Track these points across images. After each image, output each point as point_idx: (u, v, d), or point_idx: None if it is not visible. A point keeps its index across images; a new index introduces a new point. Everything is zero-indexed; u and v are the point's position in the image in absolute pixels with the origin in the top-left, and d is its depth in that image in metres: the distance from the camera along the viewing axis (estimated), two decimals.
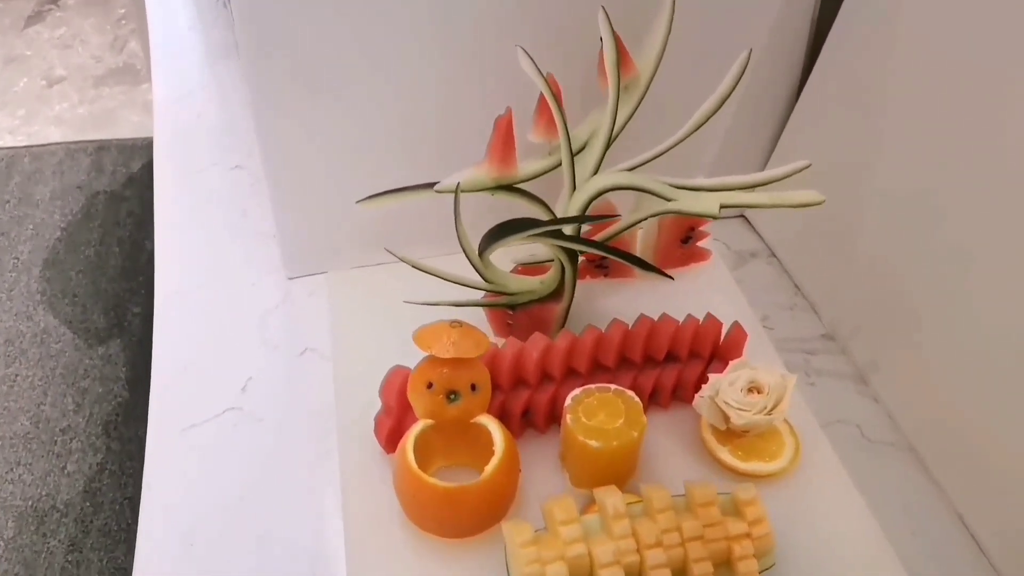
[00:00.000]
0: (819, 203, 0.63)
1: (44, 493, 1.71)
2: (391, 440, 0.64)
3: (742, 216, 0.90)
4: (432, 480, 0.57)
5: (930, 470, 0.67)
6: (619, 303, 0.77)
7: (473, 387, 0.60)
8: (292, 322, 0.78)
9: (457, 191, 0.63)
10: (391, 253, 0.66)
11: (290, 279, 0.81)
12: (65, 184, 2.46)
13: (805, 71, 0.80)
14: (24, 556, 1.60)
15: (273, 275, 0.82)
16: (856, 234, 0.75)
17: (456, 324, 0.60)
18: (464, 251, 0.65)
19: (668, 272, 0.73)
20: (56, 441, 1.80)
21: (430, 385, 0.60)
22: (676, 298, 0.73)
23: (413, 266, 0.66)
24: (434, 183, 0.65)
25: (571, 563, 0.54)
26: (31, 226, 2.34)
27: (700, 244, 0.79)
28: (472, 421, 0.61)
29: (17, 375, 1.93)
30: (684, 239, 0.78)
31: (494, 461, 0.59)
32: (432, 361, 0.60)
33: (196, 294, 0.81)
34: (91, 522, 1.67)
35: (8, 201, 2.41)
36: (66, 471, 1.76)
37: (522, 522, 0.57)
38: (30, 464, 1.76)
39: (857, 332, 0.75)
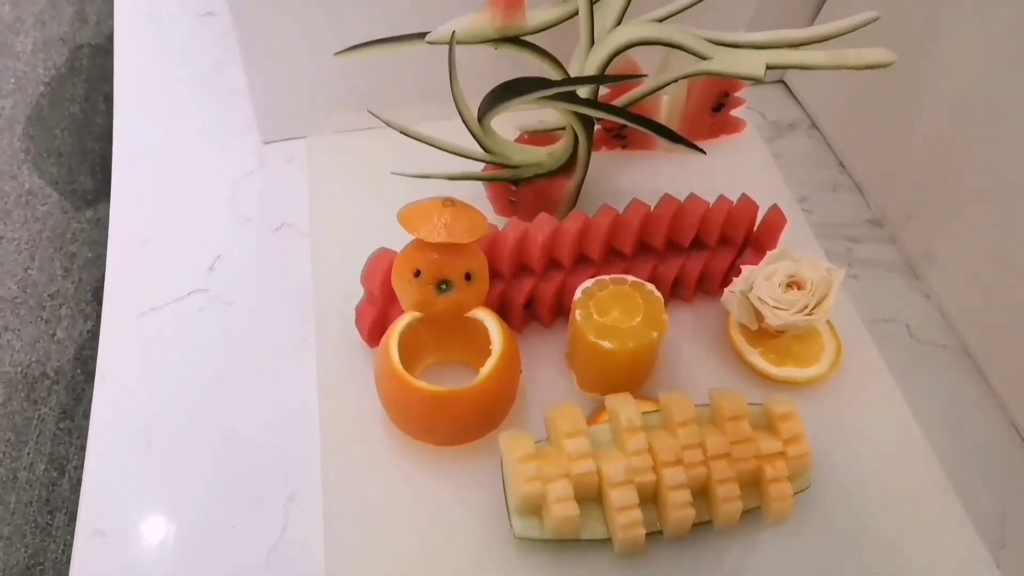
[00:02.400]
0: (889, 63, 0.52)
1: (34, 360, 1.66)
2: (374, 333, 0.56)
3: (781, 81, 0.79)
4: (419, 383, 0.50)
5: (986, 376, 0.59)
6: (639, 179, 0.68)
7: (468, 276, 0.51)
8: (267, 193, 0.69)
9: (452, 42, 0.52)
10: (375, 116, 0.56)
11: (265, 143, 0.72)
12: (47, 35, 2.31)
13: None
14: (15, 423, 1.57)
15: (246, 138, 0.72)
16: (914, 105, 0.64)
17: (449, 202, 0.50)
18: (461, 115, 0.55)
19: (698, 144, 0.63)
20: (45, 307, 1.74)
21: (418, 273, 0.51)
22: (704, 174, 0.63)
23: (402, 132, 0.56)
24: (426, 33, 0.55)
25: (577, 481, 0.47)
26: (12, 80, 2.22)
27: (733, 113, 0.69)
28: (466, 315, 0.53)
29: (2, 237, 1.86)
30: (716, 107, 0.67)
31: (490, 363, 0.50)
32: (420, 245, 0.51)
33: (159, 158, 0.71)
34: (82, 390, 1.63)
35: None
36: (56, 337, 1.71)
37: (521, 433, 0.49)
38: (18, 330, 1.71)
39: (909, 218, 0.65)
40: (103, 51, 2.29)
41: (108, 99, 2.16)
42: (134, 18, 0.83)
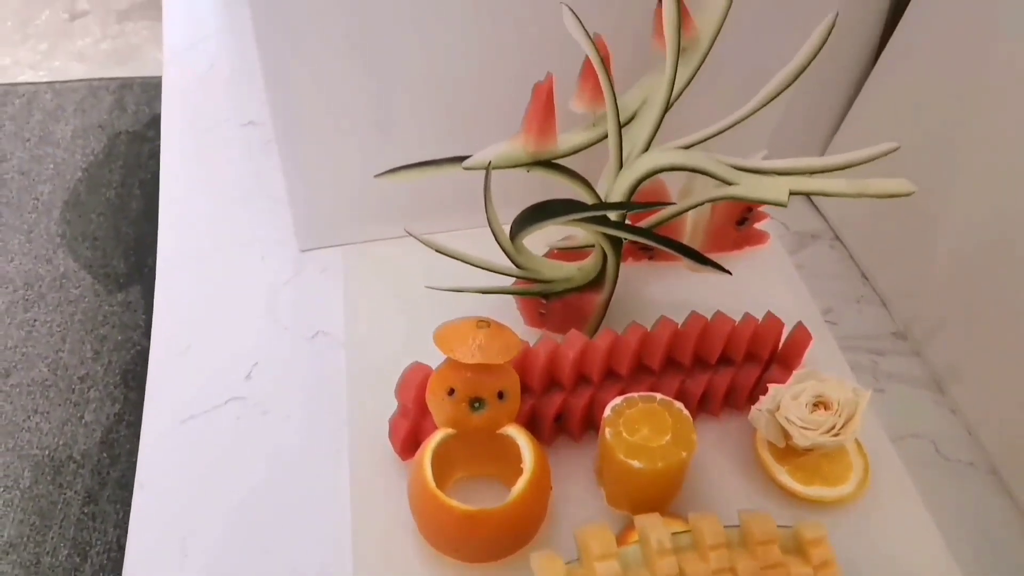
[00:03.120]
0: (909, 193, 0.54)
1: (61, 442, 1.68)
2: (407, 446, 0.57)
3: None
4: (452, 502, 0.51)
5: (1014, 494, 0.59)
6: (665, 291, 0.70)
7: (500, 395, 0.53)
8: (303, 300, 0.71)
9: (489, 168, 0.55)
10: (412, 235, 0.58)
11: (302, 252, 0.74)
12: (87, 123, 2.40)
13: (885, 33, 0.71)
14: (40, 506, 1.58)
15: (284, 246, 0.75)
16: (936, 219, 0.66)
17: (483, 323, 0.52)
18: (494, 234, 0.58)
19: (722, 257, 0.64)
20: (74, 389, 1.77)
21: (452, 391, 0.53)
22: (729, 286, 0.65)
23: (437, 250, 0.59)
24: (463, 157, 0.57)
25: None
26: (52, 165, 2.29)
27: (757, 226, 0.71)
28: (498, 432, 0.54)
29: (36, 320, 1.89)
30: (740, 221, 0.69)
31: (522, 482, 0.52)
32: (455, 364, 0.52)
33: (200, 264, 0.74)
34: (108, 473, 1.64)
35: (29, 139, 2.35)
36: (83, 420, 1.73)
37: (552, 554, 0.50)
38: (47, 412, 1.73)
39: (934, 332, 0.66)
40: (140, 138, 2.36)
41: (143, 184, 2.22)
42: (180, 126, 0.87)
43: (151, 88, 2.52)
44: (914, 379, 0.66)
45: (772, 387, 0.57)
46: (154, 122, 2.41)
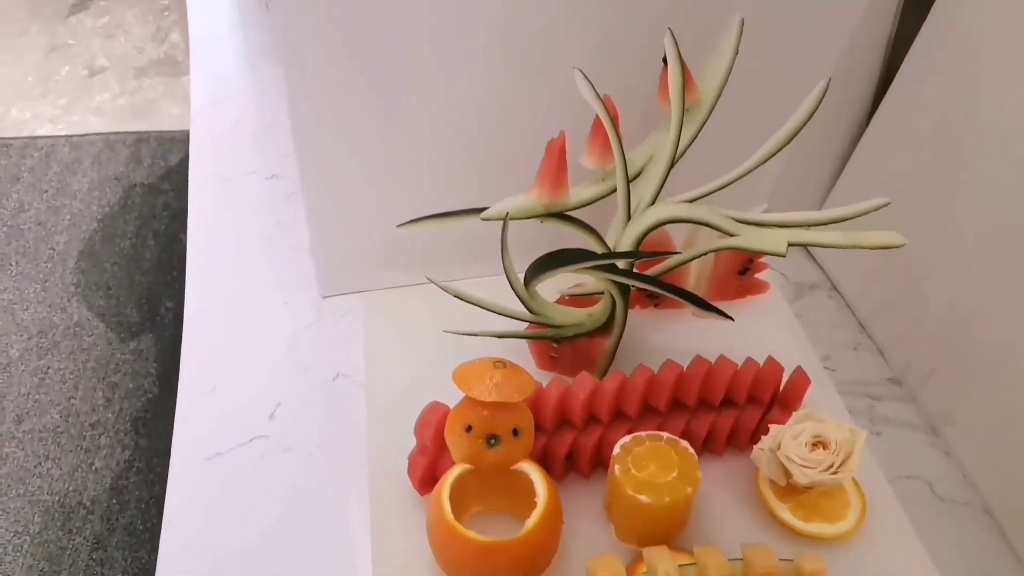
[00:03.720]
0: (899, 245, 0.58)
1: (71, 488, 1.70)
2: (425, 481, 0.60)
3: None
4: (469, 533, 0.53)
5: (1008, 536, 0.62)
6: (671, 337, 0.73)
7: (515, 432, 0.56)
8: (324, 344, 0.74)
9: (506, 220, 0.59)
10: (432, 282, 0.62)
11: (324, 298, 0.78)
12: (103, 175, 2.45)
13: (877, 96, 0.75)
14: (49, 552, 1.59)
15: (306, 293, 0.78)
16: (930, 270, 0.69)
17: (500, 364, 0.55)
18: (509, 282, 0.61)
19: (724, 305, 0.68)
20: (85, 436, 1.79)
21: (469, 428, 0.56)
22: (731, 332, 0.68)
23: (455, 296, 0.62)
24: (480, 209, 0.61)
25: None
26: (68, 216, 2.34)
27: (758, 276, 0.74)
28: (513, 468, 0.57)
29: (49, 367, 1.92)
30: (742, 271, 0.73)
31: (536, 515, 0.54)
32: (473, 402, 0.56)
33: (226, 309, 0.77)
34: (117, 520, 1.66)
35: (46, 191, 2.41)
36: (94, 467, 1.74)
37: None
38: (59, 459, 1.75)
39: (928, 378, 0.69)
40: (155, 190, 2.42)
41: (157, 235, 2.27)
42: (207, 178, 0.91)
43: (166, 141, 2.58)
44: (909, 423, 0.69)
45: (773, 427, 0.60)
46: (169, 174, 2.47)
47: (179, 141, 2.54)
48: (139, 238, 2.25)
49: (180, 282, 2.16)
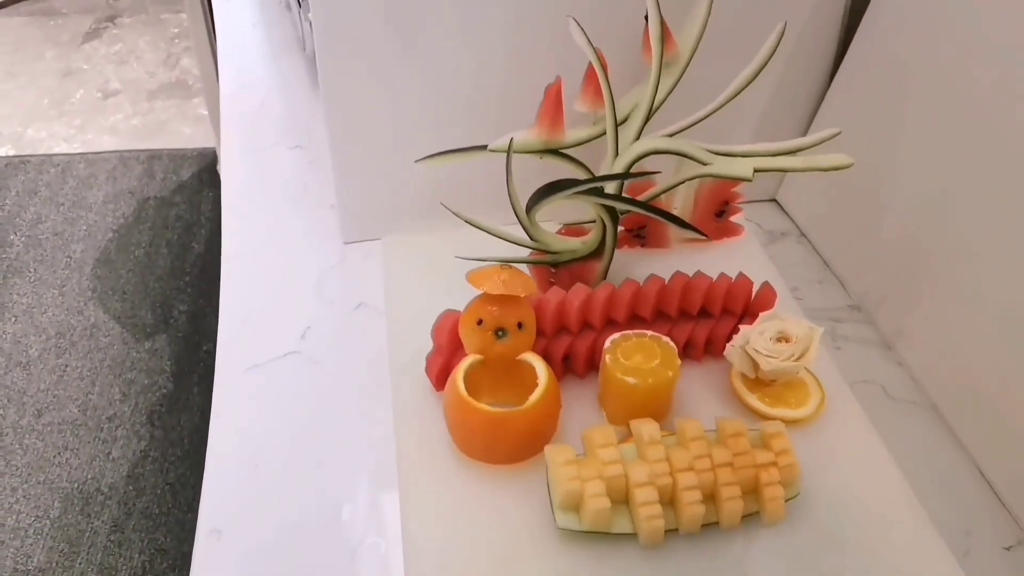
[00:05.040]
0: (848, 165, 0.67)
1: (90, 476, 1.77)
2: (441, 378, 0.69)
3: (774, 200, 0.95)
4: (481, 405, 0.62)
5: (951, 427, 0.71)
6: (655, 270, 0.82)
7: (520, 325, 0.65)
8: (347, 280, 0.83)
9: (509, 149, 0.68)
10: (446, 207, 0.71)
11: (346, 244, 0.87)
12: (118, 189, 2.55)
13: (840, 51, 0.85)
14: (69, 535, 1.66)
15: (330, 240, 0.87)
16: (882, 212, 0.79)
17: (506, 265, 0.65)
18: (513, 208, 0.71)
19: (703, 247, 0.77)
20: (103, 428, 1.87)
21: (480, 322, 0.65)
22: (710, 268, 0.77)
23: (465, 220, 0.71)
24: (487, 145, 0.71)
25: (608, 482, 0.59)
26: (84, 227, 2.43)
27: (733, 219, 0.84)
28: (518, 358, 0.66)
29: (67, 365, 2.01)
30: (718, 212, 0.82)
31: (538, 390, 0.63)
32: (483, 300, 0.65)
33: (259, 256, 0.86)
34: (133, 505, 1.73)
35: (63, 204, 2.50)
36: (111, 456, 1.82)
37: (564, 444, 0.61)
38: (77, 449, 1.83)
39: (883, 303, 0.79)
40: (167, 203, 2.51)
41: (170, 244, 2.36)
42: (238, 151, 1.00)
43: (178, 158, 2.69)
44: (867, 340, 0.78)
45: (743, 327, 0.69)
46: (181, 188, 2.57)
47: (190, 157, 2.65)
48: (153, 247, 2.35)
49: (193, 287, 2.26)
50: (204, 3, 2.05)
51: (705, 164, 0.71)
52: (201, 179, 2.56)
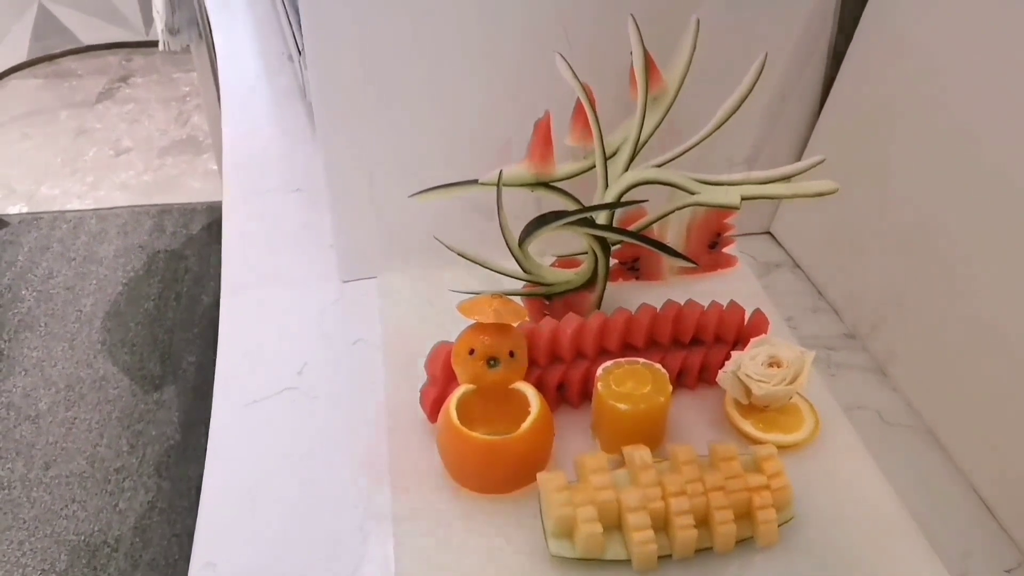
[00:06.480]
0: (834, 191, 0.68)
1: (96, 528, 1.77)
2: (434, 409, 0.69)
3: (768, 232, 0.95)
4: (474, 433, 0.62)
5: (947, 450, 0.70)
6: (649, 302, 0.82)
7: (511, 354, 0.66)
8: (345, 317, 0.84)
9: (499, 182, 0.69)
10: (439, 241, 0.73)
11: (344, 282, 0.88)
12: (128, 243, 2.58)
13: (827, 85, 0.86)
14: None
15: (329, 279, 0.88)
16: (874, 240, 0.80)
17: (497, 295, 0.65)
18: (506, 241, 0.72)
19: (697, 277, 0.78)
20: (110, 480, 1.87)
21: (472, 351, 0.65)
22: (704, 299, 0.78)
23: (458, 254, 0.73)
24: (478, 179, 0.72)
25: (600, 507, 0.59)
26: (95, 281, 2.45)
27: (726, 250, 0.84)
28: (510, 387, 0.66)
29: (76, 418, 2.01)
30: (711, 244, 0.83)
31: (530, 417, 0.63)
32: (475, 329, 0.65)
33: (258, 291, 0.87)
34: (140, 556, 1.72)
35: (74, 259, 2.53)
36: (118, 508, 1.82)
37: (556, 471, 0.61)
38: (84, 501, 1.82)
39: (876, 329, 0.79)
40: (177, 256, 2.54)
41: (179, 296, 2.39)
42: (241, 193, 1.02)
43: (188, 213, 2.72)
44: (862, 367, 0.78)
45: (735, 353, 0.69)
46: (191, 242, 2.60)
47: (200, 211, 2.69)
48: (162, 300, 2.37)
49: (202, 338, 2.28)
50: (212, 61, 2.10)
51: (693, 193, 0.72)
52: (211, 232, 2.59)
